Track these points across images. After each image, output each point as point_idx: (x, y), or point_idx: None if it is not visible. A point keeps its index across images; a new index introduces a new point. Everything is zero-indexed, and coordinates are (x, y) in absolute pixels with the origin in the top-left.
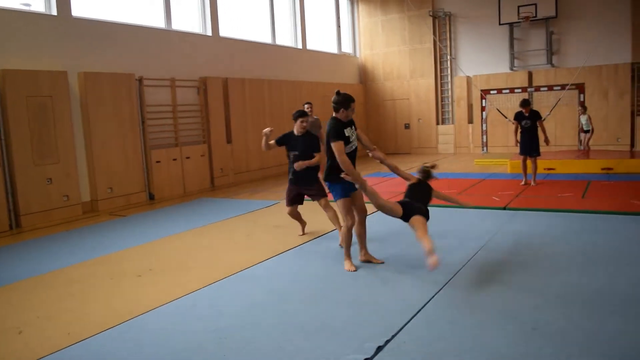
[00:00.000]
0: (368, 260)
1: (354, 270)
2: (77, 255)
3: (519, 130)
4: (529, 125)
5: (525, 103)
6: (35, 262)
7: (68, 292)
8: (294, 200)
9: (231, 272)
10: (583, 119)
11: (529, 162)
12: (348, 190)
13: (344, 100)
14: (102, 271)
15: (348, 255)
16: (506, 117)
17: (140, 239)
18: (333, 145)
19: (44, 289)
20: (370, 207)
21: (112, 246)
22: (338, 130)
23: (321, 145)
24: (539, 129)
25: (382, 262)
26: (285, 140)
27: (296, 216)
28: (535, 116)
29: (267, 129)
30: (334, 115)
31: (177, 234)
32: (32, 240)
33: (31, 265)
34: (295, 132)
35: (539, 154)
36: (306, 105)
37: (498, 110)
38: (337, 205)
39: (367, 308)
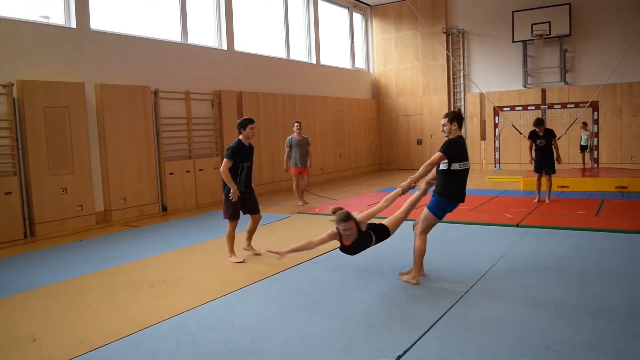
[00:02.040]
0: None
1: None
2: (91, 265)
3: (534, 148)
4: (543, 145)
5: (539, 122)
6: (49, 271)
7: (81, 302)
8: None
9: (242, 284)
10: (585, 135)
11: (543, 179)
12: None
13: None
14: (115, 281)
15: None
16: (521, 133)
17: (153, 250)
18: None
19: (58, 298)
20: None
21: (125, 257)
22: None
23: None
24: (554, 147)
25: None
26: (241, 153)
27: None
28: (550, 135)
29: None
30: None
31: (190, 246)
32: (46, 249)
33: (45, 274)
34: (244, 141)
35: (554, 172)
36: (296, 124)
37: (513, 126)
38: (426, 216)
39: (378, 323)
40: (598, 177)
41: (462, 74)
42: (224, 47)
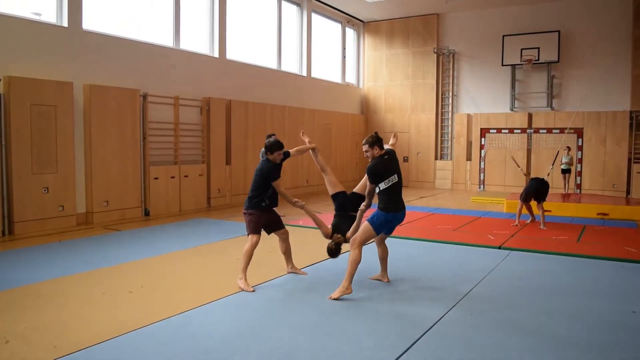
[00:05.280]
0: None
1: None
2: (70, 267)
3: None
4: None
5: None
6: (26, 271)
7: (58, 304)
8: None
9: (222, 294)
10: (566, 158)
11: (533, 203)
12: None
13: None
14: (93, 285)
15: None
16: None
17: (134, 255)
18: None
19: (34, 299)
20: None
21: (105, 260)
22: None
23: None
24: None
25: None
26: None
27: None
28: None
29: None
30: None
31: (170, 252)
32: (25, 248)
33: (22, 274)
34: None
35: (544, 200)
36: (273, 137)
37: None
38: (365, 230)
39: (357, 341)
40: (580, 203)
41: (450, 94)
42: (216, 55)
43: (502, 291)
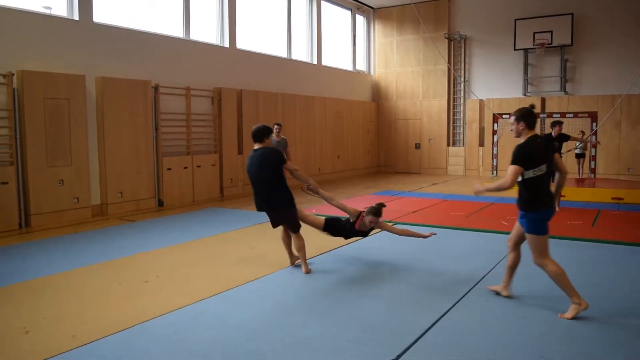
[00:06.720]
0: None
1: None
2: (86, 258)
3: None
4: (555, 148)
5: (555, 123)
6: (44, 263)
7: (75, 295)
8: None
9: (236, 283)
10: (580, 143)
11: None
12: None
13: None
14: (109, 275)
15: None
16: None
17: (148, 246)
18: None
19: (52, 291)
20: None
21: (120, 251)
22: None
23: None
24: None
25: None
26: None
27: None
28: (563, 138)
29: None
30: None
31: (185, 242)
32: (41, 240)
33: (39, 266)
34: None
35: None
36: (276, 126)
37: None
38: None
39: (372, 327)
40: (594, 188)
41: (462, 80)
42: (226, 45)
43: (515, 278)
